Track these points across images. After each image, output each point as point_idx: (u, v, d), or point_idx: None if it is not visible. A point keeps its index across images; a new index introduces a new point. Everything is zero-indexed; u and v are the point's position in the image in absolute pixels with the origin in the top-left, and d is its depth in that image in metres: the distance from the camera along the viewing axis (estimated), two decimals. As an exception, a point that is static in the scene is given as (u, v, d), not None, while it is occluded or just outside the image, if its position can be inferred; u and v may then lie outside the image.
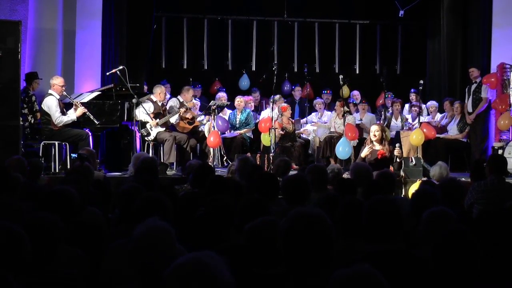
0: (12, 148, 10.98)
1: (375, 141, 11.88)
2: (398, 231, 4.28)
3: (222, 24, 18.10)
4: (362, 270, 2.87)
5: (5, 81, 11.36)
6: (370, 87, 17.12)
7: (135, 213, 4.70)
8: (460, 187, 6.60)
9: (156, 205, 4.74)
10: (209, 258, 2.78)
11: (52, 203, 4.82)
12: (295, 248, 3.40)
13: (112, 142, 13.51)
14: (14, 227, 3.74)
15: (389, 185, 7.35)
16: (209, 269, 2.72)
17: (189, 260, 2.75)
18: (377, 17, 18.27)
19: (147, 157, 8.68)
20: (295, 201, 5.83)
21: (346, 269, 2.87)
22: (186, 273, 2.71)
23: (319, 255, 3.39)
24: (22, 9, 13.35)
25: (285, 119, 14.05)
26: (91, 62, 14.10)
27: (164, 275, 2.75)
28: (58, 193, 4.93)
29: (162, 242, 3.56)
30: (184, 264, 2.74)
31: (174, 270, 2.74)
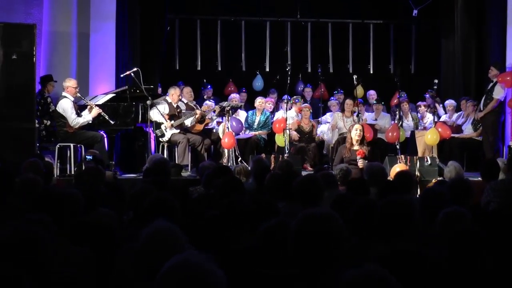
0: (27, 150, 11.01)
1: (356, 141, 11.84)
2: (411, 231, 4.26)
3: (235, 25, 18.11)
4: (371, 270, 2.85)
5: (20, 84, 11.40)
6: (384, 87, 17.05)
7: (143, 215, 4.69)
8: (469, 187, 6.54)
9: (163, 206, 4.73)
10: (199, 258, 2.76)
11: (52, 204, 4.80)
12: (305, 249, 3.39)
13: (127, 144, 13.52)
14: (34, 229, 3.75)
15: (406, 185, 7.31)
16: (201, 269, 2.70)
17: (180, 261, 2.73)
18: (391, 17, 18.22)
19: (159, 158, 8.67)
20: (307, 202, 5.81)
21: (355, 270, 2.85)
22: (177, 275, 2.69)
23: (330, 256, 3.38)
24: (36, 12, 13.41)
25: (304, 119, 14.02)
26: (105, 65, 14.12)
27: (156, 278, 2.74)
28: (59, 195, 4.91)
29: (169, 244, 3.54)
30: (175, 266, 2.72)
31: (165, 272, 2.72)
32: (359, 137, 11.83)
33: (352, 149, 11.79)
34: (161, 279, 2.70)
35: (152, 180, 6.56)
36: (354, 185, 6.91)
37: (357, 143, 11.83)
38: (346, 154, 11.78)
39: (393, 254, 3.58)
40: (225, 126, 13.39)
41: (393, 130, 13.32)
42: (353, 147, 11.82)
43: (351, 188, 6.81)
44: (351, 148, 11.81)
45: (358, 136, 11.83)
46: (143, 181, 7.65)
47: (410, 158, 12.34)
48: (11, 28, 11.57)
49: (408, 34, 18.47)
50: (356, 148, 11.79)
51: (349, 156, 11.74)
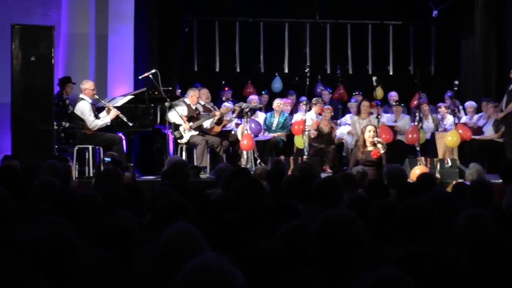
0: (46, 152, 11.05)
1: (369, 142, 11.79)
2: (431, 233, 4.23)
3: (254, 26, 18.11)
4: (390, 273, 2.83)
5: (38, 85, 11.44)
6: (404, 88, 16.97)
7: (158, 217, 4.69)
8: (490, 189, 6.48)
9: (176, 208, 4.72)
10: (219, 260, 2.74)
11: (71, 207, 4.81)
12: (325, 251, 3.36)
13: (145, 146, 13.54)
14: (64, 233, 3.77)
15: (427, 187, 7.26)
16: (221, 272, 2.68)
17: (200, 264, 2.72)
18: (410, 18, 18.16)
19: (177, 160, 8.66)
20: (327, 204, 5.78)
21: (374, 273, 2.83)
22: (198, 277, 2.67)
23: (350, 258, 3.35)
24: (55, 14, 13.47)
25: (324, 121, 13.97)
26: (124, 66, 14.15)
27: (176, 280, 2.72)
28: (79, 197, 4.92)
29: (189, 246, 3.53)
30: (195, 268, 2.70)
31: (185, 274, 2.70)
32: (372, 138, 11.78)
33: (366, 150, 11.75)
34: (181, 281, 2.69)
35: (171, 182, 6.55)
36: (373, 187, 6.88)
37: (371, 144, 11.78)
38: (361, 156, 11.74)
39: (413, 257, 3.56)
40: (244, 127, 13.38)
41: (413, 131, 13.25)
42: (366, 148, 11.77)
43: (370, 190, 6.78)
44: (365, 149, 11.77)
45: (371, 137, 11.78)
46: (161, 183, 7.66)
47: (430, 160, 12.30)
48: (29, 30, 11.61)
49: (428, 35, 18.41)
50: (370, 149, 11.74)
51: (364, 157, 11.69)
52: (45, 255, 3.70)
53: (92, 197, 5.06)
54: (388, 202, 5.07)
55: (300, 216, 5.09)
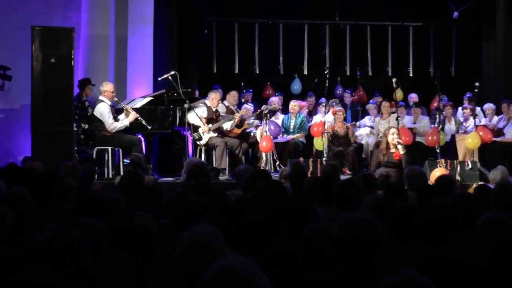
0: (65, 154, 11.10)
1: (392, 144, 11.77)
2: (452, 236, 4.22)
3: (273, 28, 18.11)
4: (409, 276, 2.83)
5: (58, 87, 11.50)
6: (424, 90, 16.92)
7: (180, 219, 4.70)
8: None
9: (200, 210, 4.74)
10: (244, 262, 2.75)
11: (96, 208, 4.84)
12: (345, 254, 3.37)
13: (164, 148, 13.58)
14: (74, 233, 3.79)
15: (447, 190, 7.23)
16: (246, 274, 2.68)
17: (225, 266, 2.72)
18: (431, 19, 18.09)
19: (197, 162, 8.68)
20: (346, 206, 5.77)
21: (393, 275, 2.83)
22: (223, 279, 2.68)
23: (370, 261, 3.35)
24: (75, 16, 13.54)
25: (338, 123, 13.94)
26: (143, 68, 14.20)
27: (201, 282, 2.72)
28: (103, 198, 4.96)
29: (209, 248, 3.54)
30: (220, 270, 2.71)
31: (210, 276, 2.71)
32: (395, 140, 11.75)
33: (389, 152, 11.73)
34: (206, 283, 2.70)
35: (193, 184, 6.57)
36: (392, 190, 6.86)
37: (393, 146, 11.76)
38: (383, 158, 11.72)
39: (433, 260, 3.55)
40: (263, 129, 13.38)
41: (433, 133, 13.21)
42: (389, 150, 11.76)
43: (389, 193, 6.76)
44: (388, 151, 11.75)
45: (394, 139, 11.76)
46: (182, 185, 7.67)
47: (451, 163, 12.26)
48: (49, 32, 11.68)
49: (448, 36, 18.33)
50: (393, 151, 11.72)
51: (386, 159, 11.67)
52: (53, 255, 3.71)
53: (116, 199, 5.10)
54: (408, 205, 5.06)
55: (319, 218, 5.09)
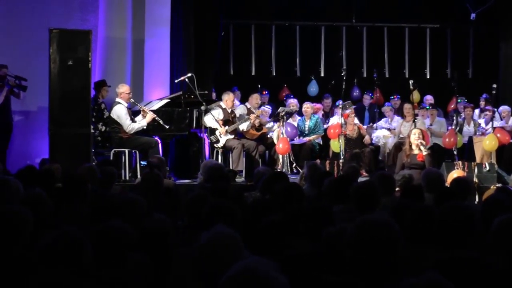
0: (83, 156, 11.16)
1: (415, 145, 11.76)
2: (470, 238, 4.22)
3: (290, 30, 18.10)
4: (431, 278, 2.83)
5: (76, 89, 11.56)
6: (441, 91, 16.87)
7: (204, 220, 4.73)
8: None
9: (224, 212, 4.76)
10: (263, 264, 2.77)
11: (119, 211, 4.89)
12: (362, 256, 3.38)
13: (181, 150, 13.62)
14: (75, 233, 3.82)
15: (464, 192, 7.23)
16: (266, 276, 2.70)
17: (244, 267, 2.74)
18: (448, 21, 18.03)
19: (215, 164, 8.71)
20: (364, 208, 5.78)
21: (415, 278, 2.83)
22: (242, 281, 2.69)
23: (387, 263, 3.36)
24: (92, 18, 13.62)
25: (349, 126, 13.91)
26: (160, 70, 14.23)
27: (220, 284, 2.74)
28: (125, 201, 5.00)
29: (228, 250, 3.55)
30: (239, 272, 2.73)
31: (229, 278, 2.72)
32: (418, 140, 11.76)
33: (412, 154, 11.73)
34: (225, 284, 2.72)
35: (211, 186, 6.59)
36: (409, 191, 6.86)
37: (417, 148, 11.76)
38: (407, 159, 11.73)
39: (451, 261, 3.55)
40: (280, 131, 13.40)
41: (451, 135, 13.19)
42: (413, 151, 11.76)
43: (406, 194, 6.76)
44: (411, 152, 11.76)
45: (417, 140, 11.76)
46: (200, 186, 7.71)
47: (468, 164, 12.23)
48: (67, 34, 11.75)
49: (465, 37, 18.25)
50: (416, 152, 11.72)
51: (410, 160, 11.68)
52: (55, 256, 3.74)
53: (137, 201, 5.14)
54: (426, 207, 5.06)
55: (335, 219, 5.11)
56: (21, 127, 13.35)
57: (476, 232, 4.29)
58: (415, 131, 11.99)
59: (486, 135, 13.21)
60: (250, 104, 13.96)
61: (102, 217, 4.81)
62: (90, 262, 3.82)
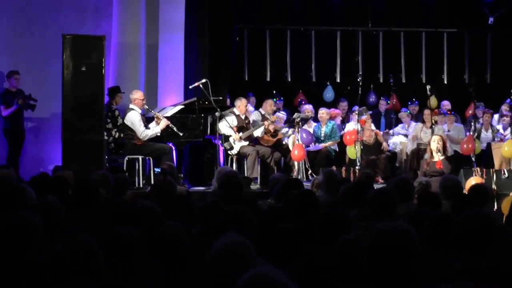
0: (96, 163, 11.17)
1: (435, 152, 11.72)
2: (491, 246, 4.18)
3: (305, 35, 18.07)
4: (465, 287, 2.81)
5: (89, 95, 11.59)
6: (458, 97, 16.82)
7: (218, 227, 4.72)
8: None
9: (239, 219, 4.75)
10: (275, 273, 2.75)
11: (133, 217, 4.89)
12: (379, 265, 3.35)
13: (195, 156, 13.62)
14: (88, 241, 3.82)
15: (482, 199, 7.19)
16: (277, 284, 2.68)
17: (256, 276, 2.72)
18: (465, 25, 17.96)
19: (229, 171, 8.69)
20: (381, 215, 5.76)
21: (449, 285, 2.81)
22: None
23: (405, 271, 3.34)
24: (106, 24, 13.66)
25: (365, 132, 13.88)
26: (174, 76, 14.23)
27: None
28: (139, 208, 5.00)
29: (239, 258, 3.54)
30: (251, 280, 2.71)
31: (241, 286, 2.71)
32: (439, 147, 11.72)
33: (432, 161, 11.70)
34: None
35: (224, 194, 6.59)
36: (426, 198, 6.83)
37: (442, 155, 11.73)
38: (427, 167, 11.70)
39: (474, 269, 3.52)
40: (295, 138, 13.38)
41: (469, 141, 13.12)
42: (433, 159, 11.72)
43: (423, 201, 6.73)
44: (431, 160, 11.73)
45: (436, 147, 11.72)
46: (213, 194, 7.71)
47: (486, 171, 12.17)
48: (80, 40, 11.79)
49: (483, 42, 18.18)
50: (435, 160, 11.69)
51: (429, 168, 11.64)
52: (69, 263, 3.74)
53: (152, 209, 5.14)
54: (444, 214, 5.03)
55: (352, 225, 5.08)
56: (34, 133, 13.41)
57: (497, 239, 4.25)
58: (435, 138, 11.96)
59: (505, 141, 13.14)
60: (264, 110, 13.94)
61: (115, 224, 4.81)
62: (102, 269, 3.82)
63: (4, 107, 12.86)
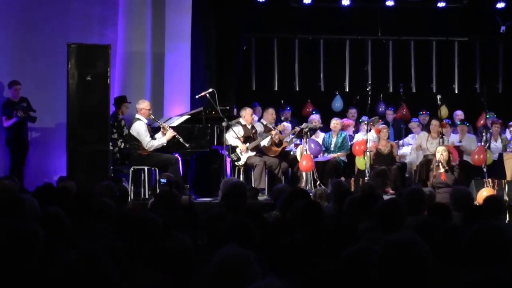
0: (101, 173, 11.17)
1: (441, 164, 11.66)
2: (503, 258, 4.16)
3: (314, 44, 18.07)
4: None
5: (94, 105, 11.60)
6: (470, 107, 16.78)
7: (219, 239, 4.71)
8: None
9: (239, 230, 4.74)
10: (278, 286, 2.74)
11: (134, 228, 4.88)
12: (390, 276, 3.33)
13: (202, 167, 13.61)
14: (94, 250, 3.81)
15: (496, 211, 7.15)
16: None
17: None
18: (477, 34, 17.92)
19: (235, 182, 8.68)
20: (389, 227, 5.73)
21: None
22: None
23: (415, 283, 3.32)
24: (111, 33, 13.68)
25: (382, 141, 13.87)
26: (180, 85, 14.22)
27: None
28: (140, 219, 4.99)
29: (240, 270, 3.52)
30: None
31: None
32: (443, 160, 11.67)
33: (438, 173, 11.65)
34: None
35: (227, 204, 6.58)
36: (436, 210, 6.80)
37: (443, 166, 11.68)
38: (433, 179, 11.67)
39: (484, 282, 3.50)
40: (303, 148, 13.36)
41: (480, 152, 13.09)
42: (439, 170, 11.67)
43: (433, 213, 6.70)
44: (437, 171, 11.68)
45: (441, 159, 11.67)
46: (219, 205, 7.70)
47: (498, 182, 12.14)
48: (85, 49, 11.80)
49: (495, 51, 18.15)
50: (441, 171, 11.64)
51: (435, 180, 11.60)
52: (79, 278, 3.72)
53: (152, 220, 5.13)
54: (455, 226, 5.00)
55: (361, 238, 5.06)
56: (38, 144, 13.42)
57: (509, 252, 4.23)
58: (440, 149, 11.92)
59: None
60: (266, 120, 13.92)
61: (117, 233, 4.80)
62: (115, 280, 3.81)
63: (5, 118, 12.84)
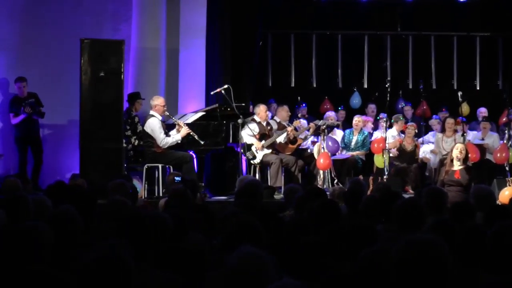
0: (114, 171, 11.18)
1: (457, 160, 11.55)
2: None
3: (331, 39, 18.01)
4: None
5: (108, 102, 11.62)
6: (492, 103, 16.67)
7: (227, 239, 4.71)
8: None
9: (246, 231, 4.73)
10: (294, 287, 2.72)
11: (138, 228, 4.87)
12: (408, 277, 3.31)
13: (217, 165, 13.60)
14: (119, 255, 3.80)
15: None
16: None
17: None
18: (499, 29, 17.81)
19: (250, 180, 8.66)
20: (408, 227, 5.70)
21: None
22: None
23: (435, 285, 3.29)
24: (125, 28, 13.69)
25: (407, 139, 13.82)
26: (195, 82, 14.23)
27: None
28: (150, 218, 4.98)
29: (256, 271, 3.50)
30: None
31: None
32: (460, 156, 11.55)
33: (451, 170, 11.55)
34: None
35: (242, 203, 6.56)
36: (458, 209, 6.76)
37: (457, 164, 11.56)
38: (445, 176, 11.57)
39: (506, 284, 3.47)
40: (320, 145, 13.32)
41: (502, 150, 13.01)
42: (452, 167, 11.57)
43: (455, 212, 6.66)
44: (450, 168, 11.57)
45: (458, 155, 11.55)
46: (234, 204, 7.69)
47: (522, 181, 12.07)
48: (99, 45, 11.82)
49: (518, 47, 18.06)
50: (455, 168, 11.53)
51: (448, 177, 11.50)
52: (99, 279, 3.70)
53: (162, 219, 5.12)
54: (476, 226, 4.97)
55: (379, 238, 5.04)
56: (51, 141, 13.46)
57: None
58: (458, 146, 11.80)
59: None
60: (280, 117, 13.87)
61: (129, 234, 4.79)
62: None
63: (13, 115, 12.82)
